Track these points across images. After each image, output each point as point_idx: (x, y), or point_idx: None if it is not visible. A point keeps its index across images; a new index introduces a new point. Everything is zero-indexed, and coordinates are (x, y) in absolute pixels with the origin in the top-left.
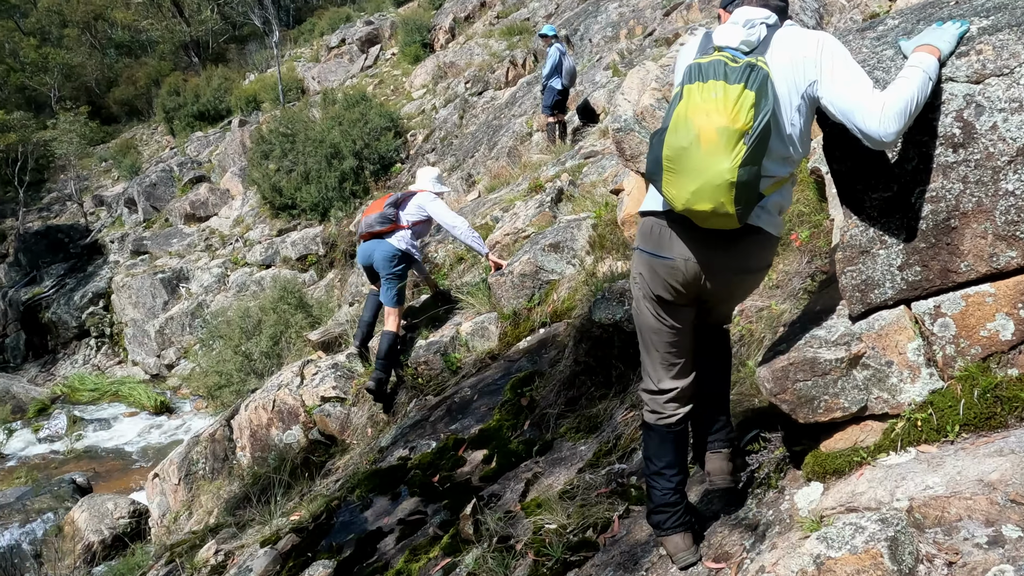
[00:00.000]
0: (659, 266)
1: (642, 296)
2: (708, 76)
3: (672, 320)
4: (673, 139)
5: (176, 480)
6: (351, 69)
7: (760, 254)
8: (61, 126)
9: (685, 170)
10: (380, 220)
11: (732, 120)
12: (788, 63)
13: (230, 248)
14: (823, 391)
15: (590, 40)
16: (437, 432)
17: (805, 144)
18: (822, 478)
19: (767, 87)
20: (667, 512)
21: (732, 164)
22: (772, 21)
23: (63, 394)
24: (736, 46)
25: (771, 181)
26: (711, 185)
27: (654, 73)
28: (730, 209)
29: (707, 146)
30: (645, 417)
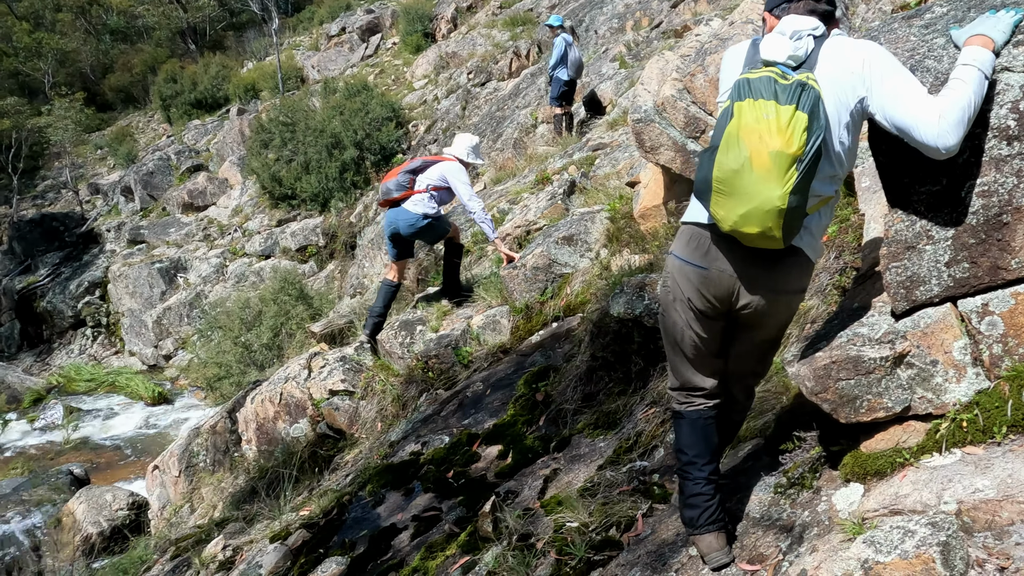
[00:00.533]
0: (693, 274)
1: (672, 300)
2: (759, 94)
3: (700, 329)
4: (724, 160)
5: (176, 472)
6: (351, 58)
7: (797, 276)
8: (56, 112)
9: (736, 193)
10: (396, 186)
11: (786, 144)
12: (835, 79)
13: (229, 238)
14: (866, 390)
15: (596, 32)
16: (449, 427)
17: (852, 160)
18: (862, 479)
19: (819, 108)
20: (700, 507)
21: (784, 191)
22: (820, 32)
23: (59, 384)
24: (783, 61)
25: (816, 200)
26: (761, 210)
27: (674, 63)
28: (777, 234)
29: (760, 171)
30: (674, 407)
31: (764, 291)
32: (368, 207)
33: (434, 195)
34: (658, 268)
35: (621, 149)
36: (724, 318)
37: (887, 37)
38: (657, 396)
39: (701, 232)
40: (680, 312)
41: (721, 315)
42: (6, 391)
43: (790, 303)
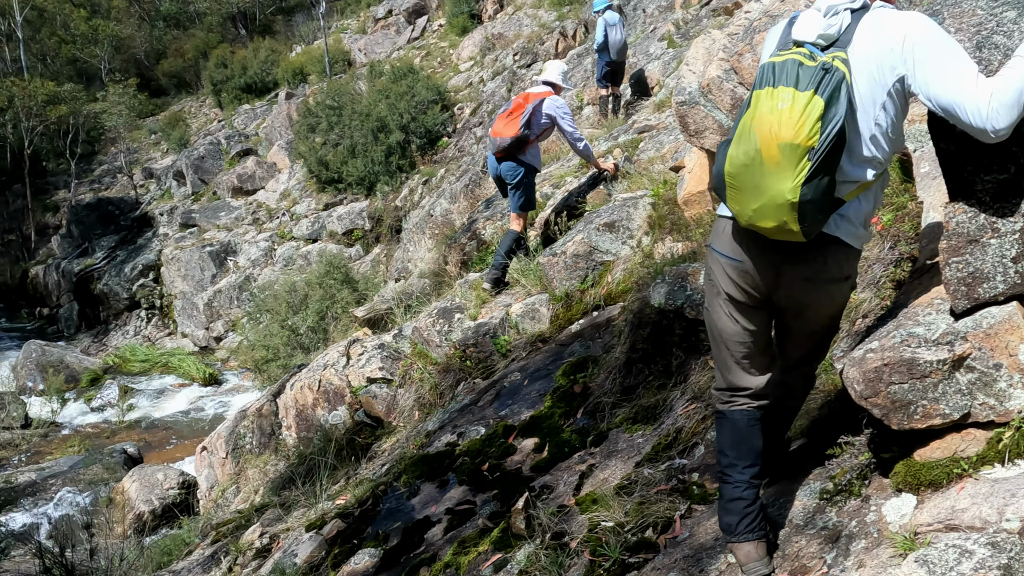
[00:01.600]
0: (729, 266)
1: (714, 294)
2: (779, 80)
3: (745, 321)
4: (735, 153)
5: (224, 454)
6: (398, 41)
7: (836, 265)
8: (111, 98)
9: (747, 187)
10: (516, 143)
11: (795, 135)
12: (872, 56)
13: (277, 222)
14: (921, 395)
15: (643, 10)
16: (486, 417)
17: (895, 141)
18: (915, 490)
19: (840, 92)
20: (739, 513)
21: (795, 184)
22: (858, 4)
23: (114, 364)
24: (813, 40)
25: (852, 186)
26: (773, 204)
27: (721, 42)
28: (794, 227)
29: (769, 163)
30: (717, 406)
31: (799, 281)
32: (413, 190)
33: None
34: (701, 256)
35: (667, 132)
36: (767, 307)
37: (951, 11)
38: (698, 391)
39: (729, 223)
40: (722, 306)
41: (763, 305)
42: (65, 371)
43: (832, 292)
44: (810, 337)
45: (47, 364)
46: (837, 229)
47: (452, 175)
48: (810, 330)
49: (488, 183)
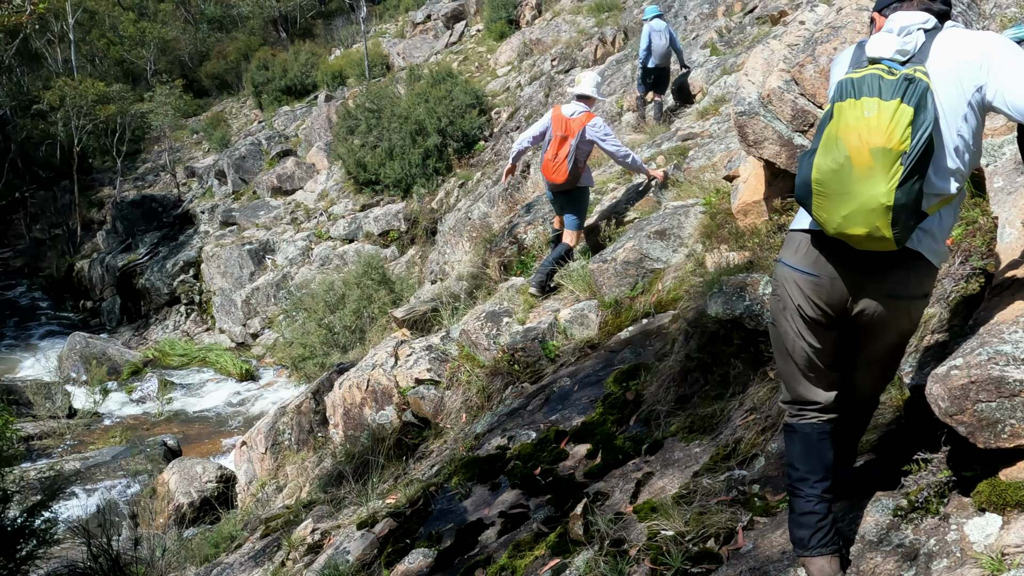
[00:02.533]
0: (803, 281)
1: (783, 309)
2: (862, 92)
3: (812, 339)
4: (823, 161)
5: (263, 449)
6: (436, 45)
7: (917, 281)
8: (157, 99)
9: (836, 194)
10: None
11: (887, 139)
12: (951, 69)
13: (314, 222)
14: (1009, 414)
15: (685, 17)
16: (536, 422)
17: (975, 155)
18: (1000, 510)
19: (927, 100)
20: (811, 527)
21: (889, 187)
22: (931, 25)
23: (154, 358)
24: (891, 56)
25: (937, 199)
26: (865, 209)
27: (780, 53)
28: (887, 233)
29: (860, 169)
30: (786, 420)
31: (881, 297)
32: (449, 193)
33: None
34: (758, 267)
35: (716, 140)
36: (838, 327)
37: None
38: (757, 402)
39: (809, 238)
40: (791, 321)
41: (835, 323)
42: (107, 363)
43: (911, 309)
44: (881, 357)
45: (90, 356)
46: (920, 244)
47: (488, 179)
48: (882, 351)
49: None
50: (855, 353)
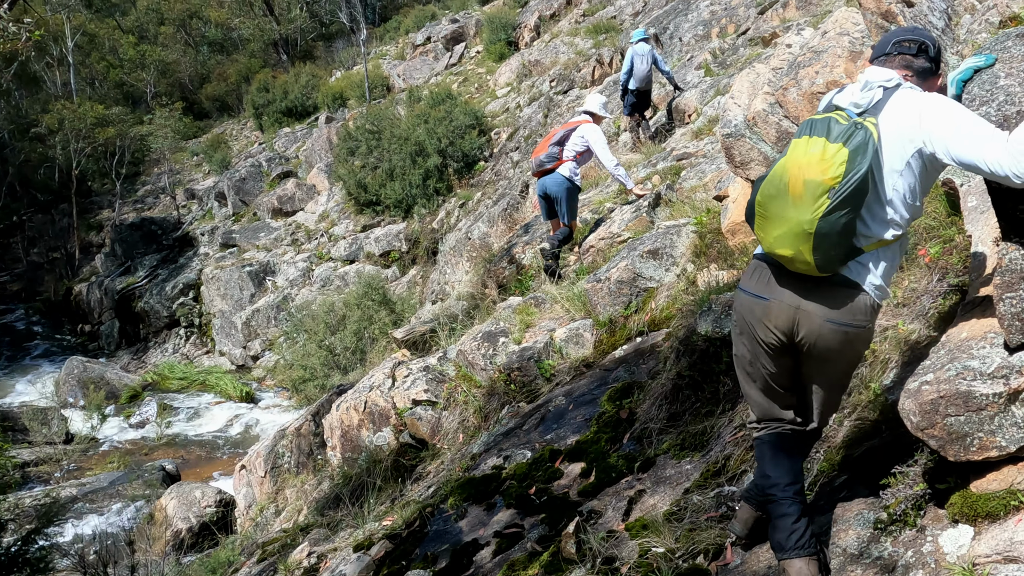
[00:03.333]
0: (756, 305)
1: (739, 333)
2: (815, 132)
3: (769, 363)
4: (767, 187)
5: (262, 472)
6: (436, 67)
7: (856, 311)
8: (156, 121)
9: (772, 216)
10: (548, 158)
11: (820, 173)
12: (894, 128)
13: (315, 243)
14: (977, 427)
15: (680, 39)
16: (531, 441)
17: (913, 209)
18: (972, 521)
19: (866, 147)
20: (787, 529)
21: (813, 216)
22: (892, 84)
23: (153, 381)
24: (847, 106)
25: (871, 241)
26: (792, 233)
27: (765, 76)
28: (808, 257)
29: (793, 197)
30: (754, 435)
31: (820, 321)
32: (450, 213)
33: (577, 160)
34: None
35: (708, 160)
36: (791, 352)
37: (1001, 56)
38: (746, 418)
39: (762, 264)
40: (747, 345)
41: (788, 349)
42: (105, 387)
43: (850, 339)
44: (821, 387)
45: (88, 380)
46: (858, 276)
47: (489, 199)
48: (826, 381)
49: (526, 208)
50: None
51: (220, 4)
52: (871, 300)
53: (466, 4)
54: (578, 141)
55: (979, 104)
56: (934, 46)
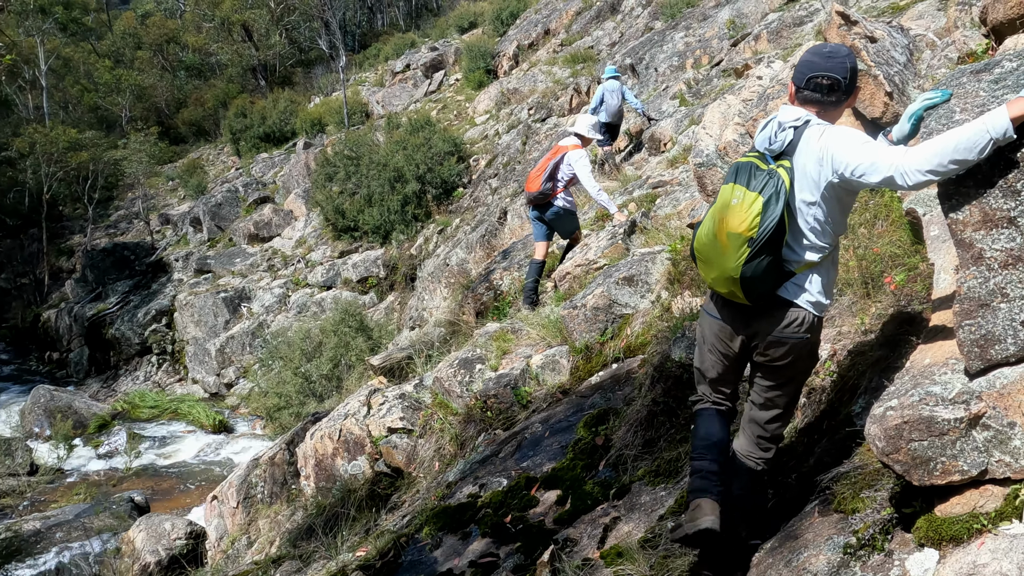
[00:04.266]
0: (714, 324)
1: (701, 341)
2: (740, 179)
3: (720, 367)
4: (702, 233)
5: (234, 503)
6: (415, 94)
7: (795, 325)
8: (131, 146)
9: (707, 260)
10: (541, 195)
11: (739, 226)
12: (805, 163)
13: (292, 269)
14: (940, 452)
15: (656, 69)
16: (507, 469)
17: (836, 226)
18: (937, 544)
19: (779, 195)
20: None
21: (736, 264)
22: (801, 122)
23: (124, 410)
24: (763, 150)
25: (800, 264)
26: (723, 277)
27: (736, 107)
28: (740, 296)
29: (721, 246)
30: (694, 408)
31: (768, 337)
32: (428, 240)
33: (568, 189)
34: None
35: (682, 188)
36: (741, 361)
37: (956, 91)
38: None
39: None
40: (706, 353)
41: (738, 358)
42: (73, 416)
43: (797, 350)
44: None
45: (55, 409)
46: (795, 295)
47: (467, 225)
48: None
49: (504, 234)
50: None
51: (198, 29)
52: (810, 315)
53: (445, 32)
54: (567, 170)
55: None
56: (845, 79)
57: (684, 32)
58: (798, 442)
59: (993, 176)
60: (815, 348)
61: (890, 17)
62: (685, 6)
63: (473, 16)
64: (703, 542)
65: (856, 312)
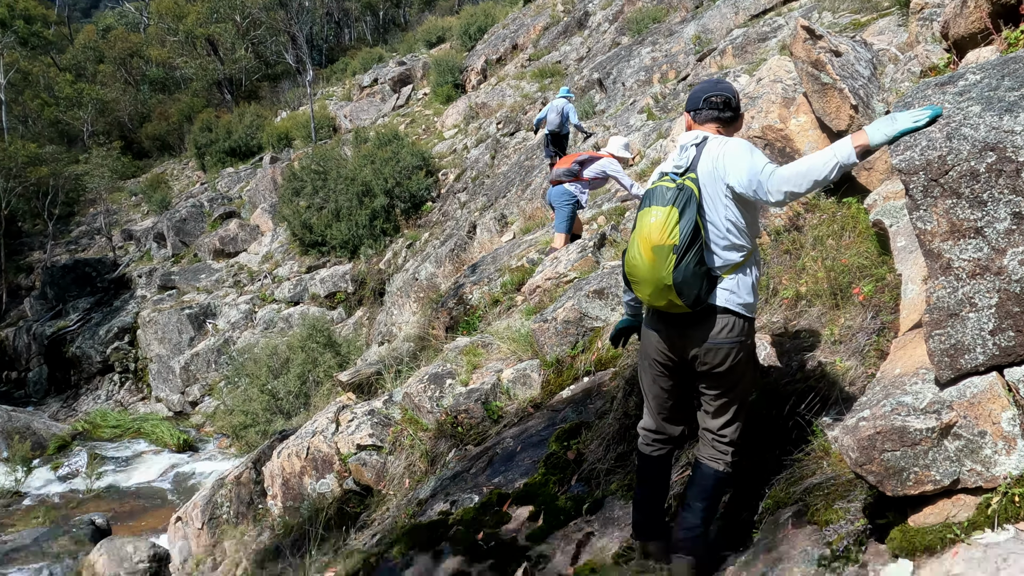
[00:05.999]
0: (653, 336)
1: (643, 359)
2: (653, 202)
3: (665, 382)
4: (629, 257)
5: (199, 524)
6: (383, 108)
7: (728, 329)
8: (93, 160)
9: (640, 279)
10: (566, 173)
11: (661, 238)
12: (709, 174)
13: (258, 284)
14: (913, 462)
15: (623, 84)
16: (479, 485)
17: (751, 227)
18: (911, 555)
19: (691, 202)
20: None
21: (667, 272)
22: (700, 139)
23: (84, 430)
24: (671, 171)
25: (726, 267)
26: (658, 289)
27: None
28: (678, 303)
29: (649, 262)
30: (639, 446)
31: (704, 343)
32: (397, 254)
33: (587, 184)
34: None
35: None
36: (682, 372)
37: (921, 103)
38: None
39: None
40: (648, 369)
41: (678, 369)
42: (31, 437)
43: (731, 353)
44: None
45: (12, 430)
46: (725, 300)
47: (436, 239)
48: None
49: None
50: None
51: (162, 43)
52: (740, 320)
53: (413, 47)
54: (598, 170)
55: (904, 149)
56: (735, 97)
57: (651, 47)
58: (771, 454)
59: (960, 187)
60: (752, 351)
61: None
62: (652, 22)
63: (441, 31)
64: None
65: (825, 323)
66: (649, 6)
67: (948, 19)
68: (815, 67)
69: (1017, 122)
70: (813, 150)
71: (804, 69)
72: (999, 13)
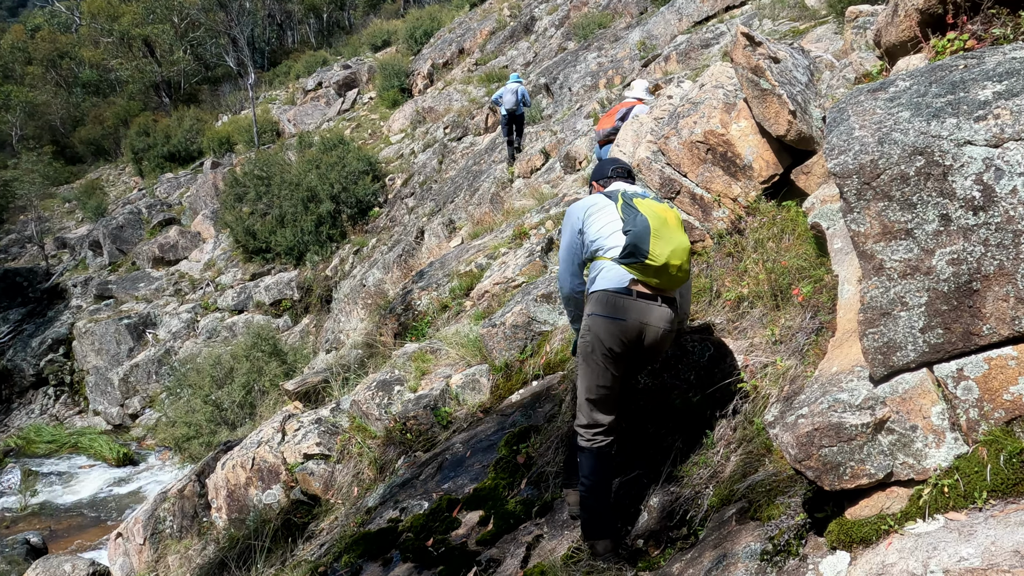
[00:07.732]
0: (611, 325)
1: (591, 352)
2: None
3: (615, 368)
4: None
5: (141, 539)
6: (328, 112)
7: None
8: (23, 166)
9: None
10: (612, 131)
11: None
12: None
13: (200, 292)
14: (849, 457)
15: (569, 89)
16: (429, 492)
17: None
18: (848, 547)
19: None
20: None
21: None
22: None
23: (17, 447)
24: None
25: None
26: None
27: (648, 125)
28: (687, 267)
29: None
30: (581, 444)
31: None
32: (344, 260)
33: None
34: None
35: None
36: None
37: (854, 109)
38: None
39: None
40: (599, 358)
41: (628, 354)
42: None
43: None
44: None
45: None
46: None
47: (384, 245)
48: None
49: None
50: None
51: (95, 44)
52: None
53: (358, 50)
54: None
55: (838, 153)
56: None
57: (597, 52)
58: (715, 452)
59: (891, 190)
60: None
61: (791, 40)
62: (597, 27)
63: (386, 34)
64: None
65: (766, 324)
66: (595, 12)
67: (881, 28)
68: (755, 73)
69: (944, 127)
70: (753, 155)
71: (744, 75)
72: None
